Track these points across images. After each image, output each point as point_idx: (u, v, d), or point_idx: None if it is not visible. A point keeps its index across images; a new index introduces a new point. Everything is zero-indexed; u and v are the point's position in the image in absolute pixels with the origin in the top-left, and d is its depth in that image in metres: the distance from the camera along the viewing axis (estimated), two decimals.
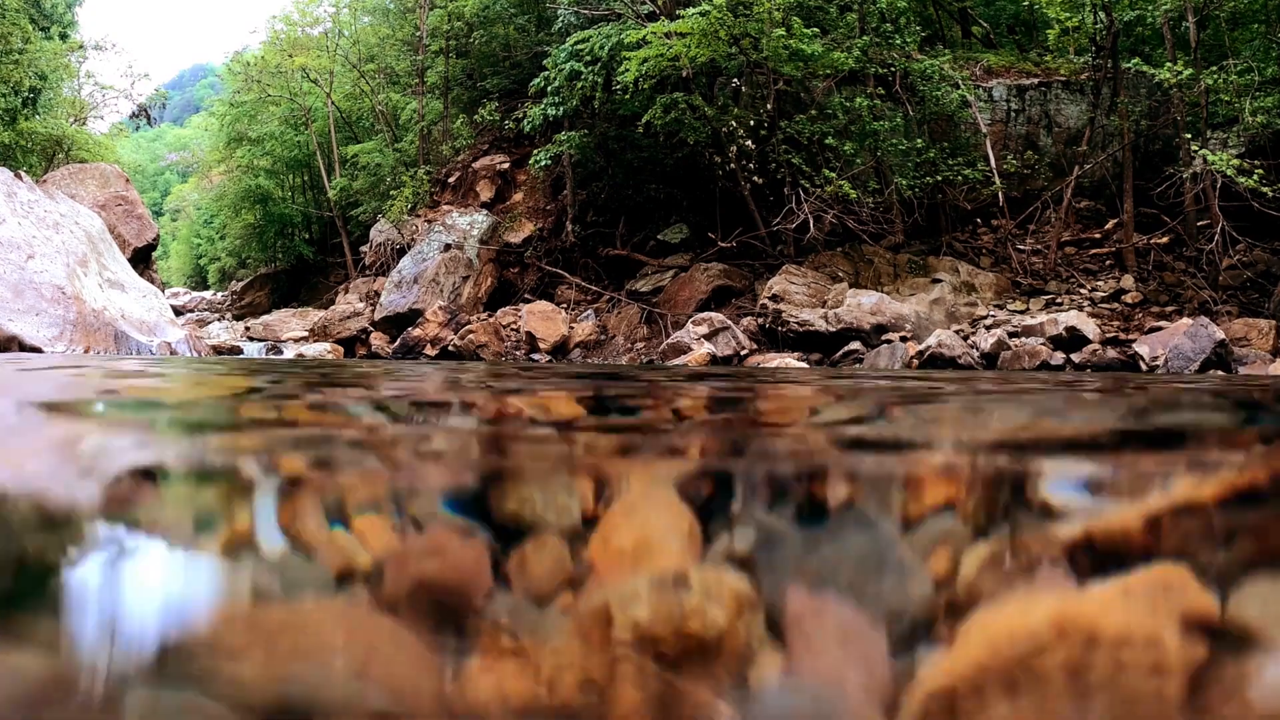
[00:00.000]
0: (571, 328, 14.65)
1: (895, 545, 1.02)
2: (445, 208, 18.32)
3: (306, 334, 16.76)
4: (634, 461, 1.66)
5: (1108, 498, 1.33)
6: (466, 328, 14.26)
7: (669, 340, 12.59)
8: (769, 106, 13.72)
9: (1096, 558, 0.94)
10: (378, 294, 17.62)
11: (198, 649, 0.69)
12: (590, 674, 0.68)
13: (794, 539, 1.07)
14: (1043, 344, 10.74)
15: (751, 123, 13.98)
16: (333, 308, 18.10)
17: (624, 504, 1.21)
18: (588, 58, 14.55)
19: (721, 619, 0.74)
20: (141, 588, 0.83)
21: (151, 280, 17.94)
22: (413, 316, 15.79)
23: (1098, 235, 14.00)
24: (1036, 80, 15.32)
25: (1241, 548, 0.97)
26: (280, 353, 14.60)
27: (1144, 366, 10.07)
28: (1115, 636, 0.69)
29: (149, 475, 1.42)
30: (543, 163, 15.87)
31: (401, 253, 18.03)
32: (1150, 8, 12.44)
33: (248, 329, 18.82)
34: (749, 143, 14.02)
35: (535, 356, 13.88)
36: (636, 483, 1.39)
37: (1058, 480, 1.50)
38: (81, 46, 25.60)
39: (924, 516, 1.21)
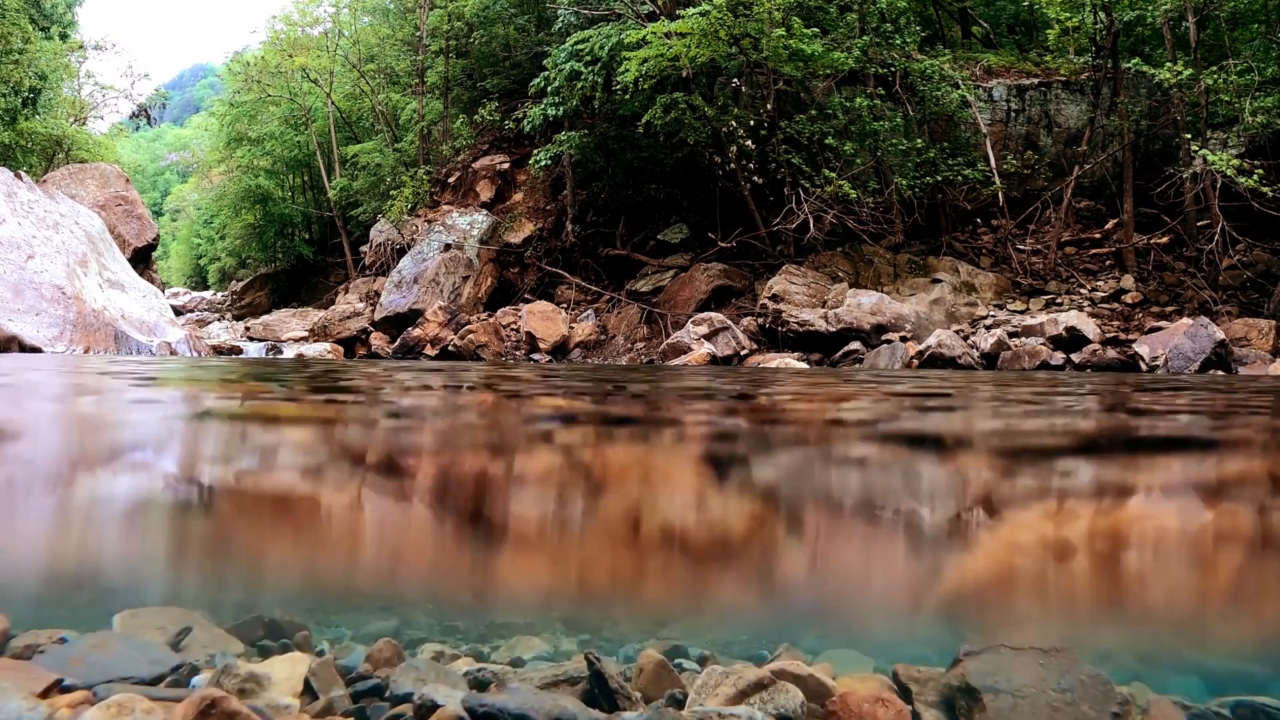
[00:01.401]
0: (571, 328, 14.65)
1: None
2: (445, 208, 18.31)
3: (306, 334, 16.75)
4: None
5: None
6: (466, 328, 14.26)
7: (669, 340, 12.59)
8: (769, 106, 13.72)
9: None
10: (378, 294, 17.61)
11: None
12: None
13: None
14: (1043, 344, 10.74)
15: (751, 123, 13.98)
16: (333, 308, 18.09)
17: None
18: (588, 58, 14.55)
19: None
20: None
21: (151, 280, 17.93)
22: (413, 316, 15.78)
23: (1098, 235, 14.00)
24: (1036, 80, 15.32)
25: None
26: (280, 353, 14.59)
27: (1144, 366, 10.07)
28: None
29: None
30: (543, 163, 15.87)
31: (401, 253, 18.03)
32: (1150, 8, 12.44)
33: (248, 329, 18.80)
34: (749, 143, 14.02)
35: (535, 356, 13.88)
36: None
37: None
38: (81, 46, 25.60)
39: None
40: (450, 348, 14.10)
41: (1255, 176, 10.72)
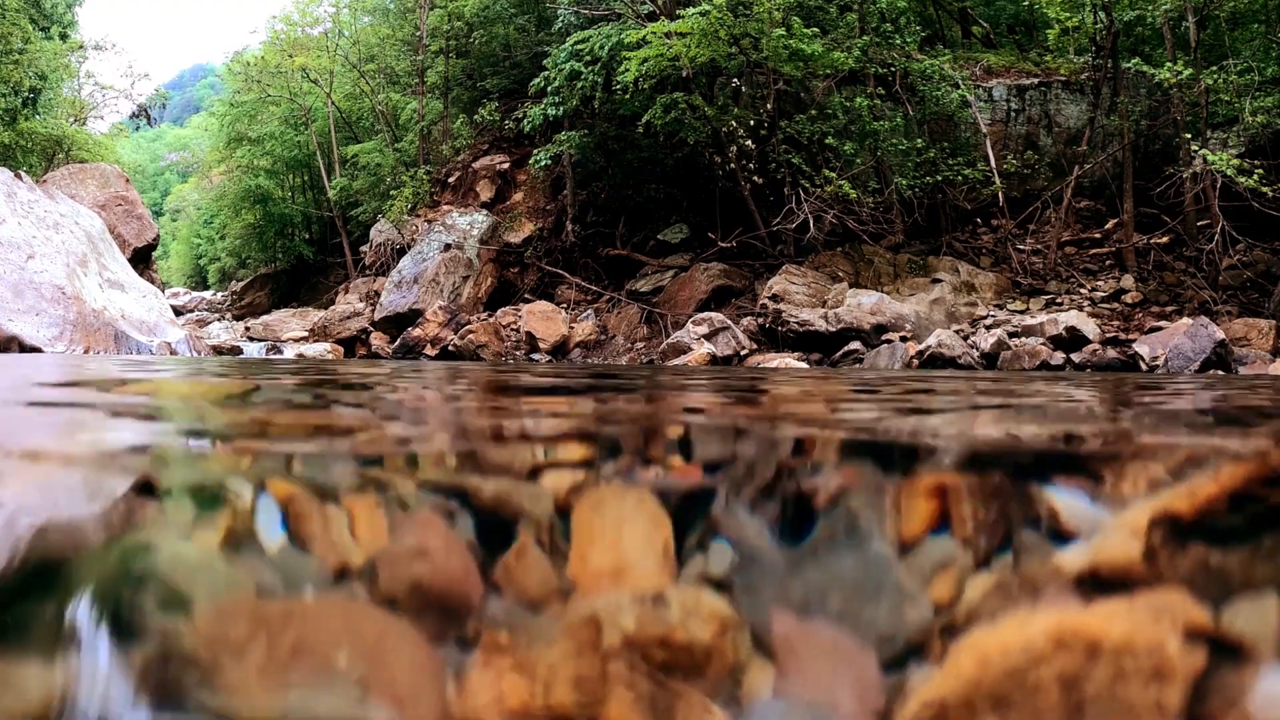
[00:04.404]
0: (571, 328, 14.65)
1: None
2: (445, 208, 18.32)
3: (306, 334, 16.75)
4: None
5: None
6: (466, 328, 14.26)
7: (669, 340, 12.59)
8: (769, 106, 13.72)
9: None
10: (378, 294, 17.62)
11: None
12: None
13: None
14: (1043, 344, 10.74)
15: (751, 123, 13.98)
16: (333, 308, 18.10)
17: None
18: (588, 58, 14.55)
19: None
20: None
21: (151, 280, 17.94)
22: (413, 316, 15.79)
23: (1098, 235, 14.00)
24: (1036, 80, 15.33)
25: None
26: (280, 353, 14.60)
27: (1144, 366, 10.08)
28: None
29: None
30: (543, 163, 15.88)
31: (401, 253, 18.03)
32: (1150, 8, 12.44)
33: (248, 329, 18.81)
34: (749, 143, 14.02)
35: (535, 356, 13.88)
36: None
37: None
38: (81, 46, 25.60)
39: None
40: (450, 348, 14.11)
41: (1255, 176, 10.72)
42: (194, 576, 0.80)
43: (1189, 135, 11.88)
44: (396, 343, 15.18)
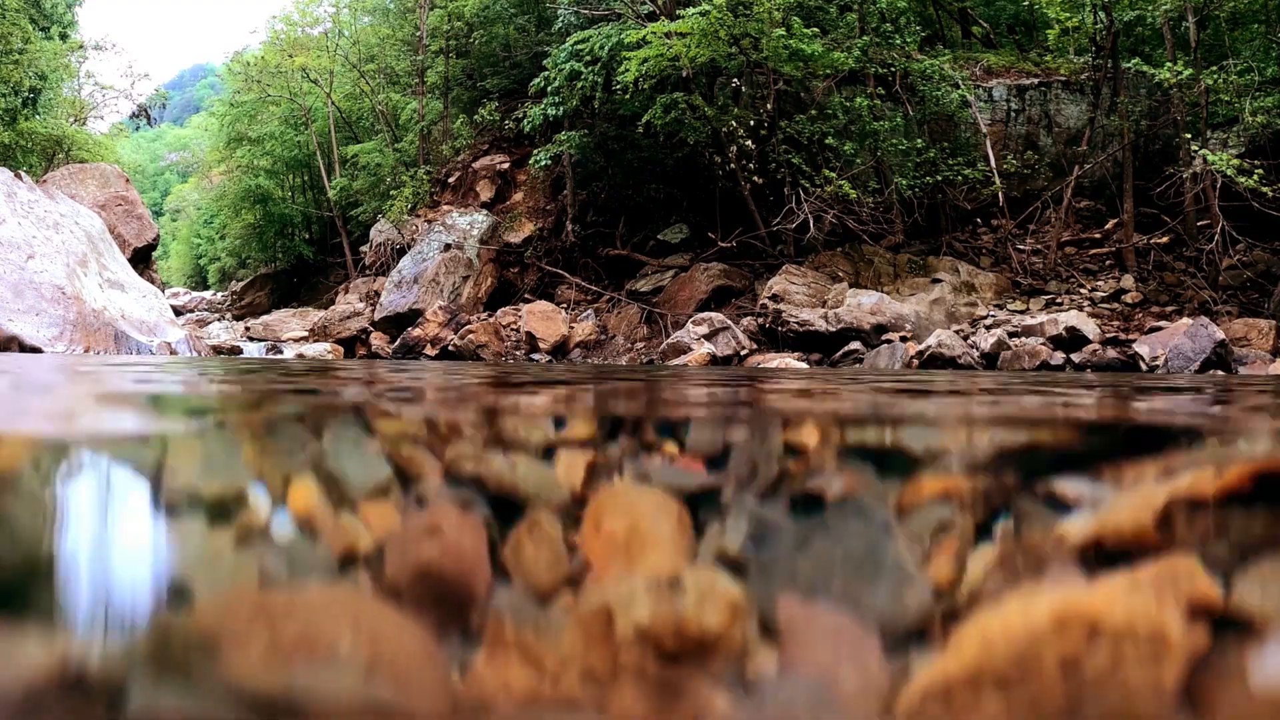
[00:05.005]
0: (571, 328, 14.65)
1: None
2: (445, 208, 18.32)
3: (306, 334, 16.75)
4: None
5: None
6: (466, 328, 14.26)
7: (669, 340, 12.59)
8: (769, 106, 13.72)
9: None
10: (378, 294, 17.62)
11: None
12: None
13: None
14: (1043, 344, 10.74)
15: (751, 123, 13.98)
16: (333, 308, 18.09)
17: None
18: (588, 58, 14.56)
19: None
20: None
21: (151, 280, 17.94)
22: (413, 316, 15.79)
23: (1098, 235, 14.00)
24: (1036, 80, 15.32)
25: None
26: (280, 353, 14.60)
27: (1144, 366, 10.08)
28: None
29: None
30: (543, 163, 15.87)
31: (401, 253, 18.03)
32: (1150, 8, 12.44)
33: (248, 329, 18.80)
34: (749, 143, 14.02)
35: (535, 356, 13.88)
36: None
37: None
38: (81, 46, 25.59)
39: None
40: (450, 348, 14.11)
41: (1255, 176, 10.72)
42: None
43: (1189, 135, 11.88)
44: (396, 343, 15.17)
